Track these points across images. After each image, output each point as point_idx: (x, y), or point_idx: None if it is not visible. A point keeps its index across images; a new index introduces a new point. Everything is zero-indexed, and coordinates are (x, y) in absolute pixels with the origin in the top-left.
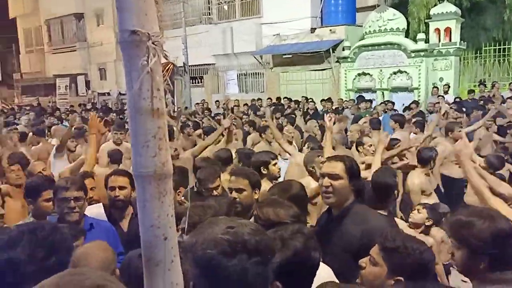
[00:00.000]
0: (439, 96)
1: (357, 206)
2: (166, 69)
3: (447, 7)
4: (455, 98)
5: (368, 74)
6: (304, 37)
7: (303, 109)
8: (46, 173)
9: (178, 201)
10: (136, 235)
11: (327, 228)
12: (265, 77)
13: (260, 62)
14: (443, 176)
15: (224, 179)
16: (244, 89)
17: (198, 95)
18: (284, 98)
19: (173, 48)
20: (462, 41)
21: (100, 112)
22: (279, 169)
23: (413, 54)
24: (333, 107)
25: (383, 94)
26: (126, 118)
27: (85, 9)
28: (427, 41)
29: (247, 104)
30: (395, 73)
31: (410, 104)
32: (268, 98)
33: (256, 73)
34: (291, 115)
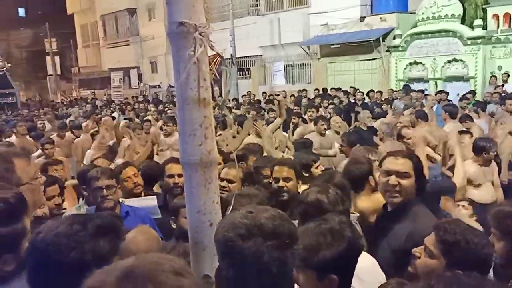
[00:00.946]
0: (497, 86)
1: (414, 205)
2: (213, 61)
3: None
4: None
5: (421, 63)
6: (353, 26)
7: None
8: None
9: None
10: None
11: (381, 224)
12: (313, 68)
13: (307, 53)
14: None
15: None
16: (291, 80)
17: (245, 87)
18: (331, 88)
19: (220, 41)
20: None
21: (152, 104)
22: (322, 171)
23: (469, 42)
24: (383, 97)
25: (436, 83)
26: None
27: (137, 4)
28: (484, 27)
29: (293, 95)
30: (449, 61)
31: (465, 93)
32: (315, 89)
33: (303, 63)
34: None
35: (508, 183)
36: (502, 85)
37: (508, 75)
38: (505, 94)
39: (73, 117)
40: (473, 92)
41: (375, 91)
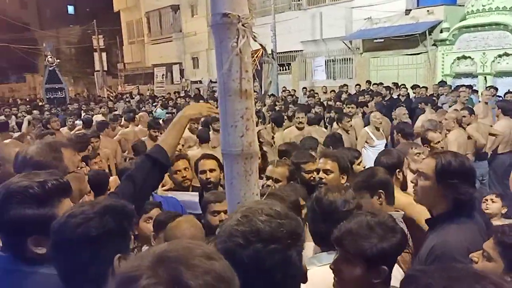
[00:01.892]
0: None
1: (446, 219)
2: (256, 54)
3: None
4: None
5: (469, 57)
6: (398, 19)
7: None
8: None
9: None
10: None
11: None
12: (354, 63)
13: (349, 48)
14: None
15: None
16: (332, 75)
17: (285, 83)
18: (374, 84)
19: (261, 36)
20: None
21: (193, 99)
22: (364, 167)
23: None
24: (427, 93)
25: (485, 79)
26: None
27: (181, 1)
28: None
29: (334, 90)
30: (500, 56)
31: None
32: (357, 84)
33: (344, 58)
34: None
35: None
36: None
37: None
38: None
39: (120, 111)
40: None
41: (420, 87)
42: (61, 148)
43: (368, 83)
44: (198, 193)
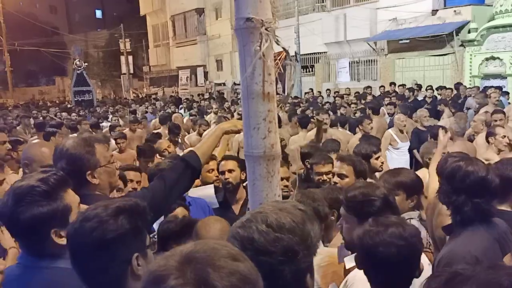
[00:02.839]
0: None
1: (461, 226)
2: (279, 57)
3: None
4: None
5: (498, 58)
6: (424, 20)
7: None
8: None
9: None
10: None
11: None
12: (379, 64)
13: (374, 49)
14: None
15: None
16: (356, 77)
17: (308, 84)
18: (399, 85)
19: (285, 38)
20: None
21: (217, 102)
22: (382, 162)
23: None
24: (453, 94)
25: None
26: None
27: (205, 4)
28: None
29: (358, 92)
30: None
31: None
32: (381, 86)
33: (369, 60)
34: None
35: None
36: None
37: None
38: None
39: (139, 114)
40: None
41: (447, 88)
42: (94, 143)
43: (393, 85)
44: (212, 185)
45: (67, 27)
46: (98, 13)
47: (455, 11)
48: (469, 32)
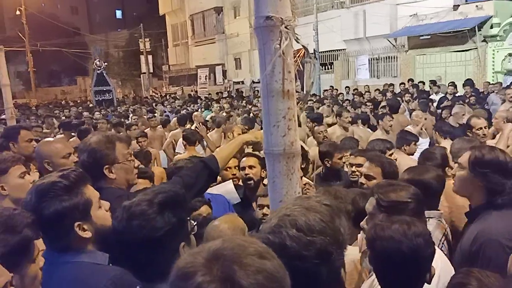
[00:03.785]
0: None
1: (485, 209)
2: (298, 54)
3: None
4: None
5: None
6: (445, 15)
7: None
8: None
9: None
10: None
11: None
12: (399, 61)
13: (394, 45)
14: None
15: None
16: (376, 74)
17: (327, 82)
18: (419, 82)
19: (303, 35)
20: None
21: (235, 100)
22: (395, 159)
23: None
24: (470, 91)
25: None
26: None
27: (224, 3)
28: None
29: (378, 89)
30: None
31: None
32: (401, 83)
33: (389, 57)
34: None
35: None
36: None
37: None
38: None
39: (158, 113)
40: None
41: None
42: (116, 141)
43: (410, 81)
44: (231, 180)
45: (88, 28)
46: (118, 14)
47: (477, 6)
48: (491, 27)
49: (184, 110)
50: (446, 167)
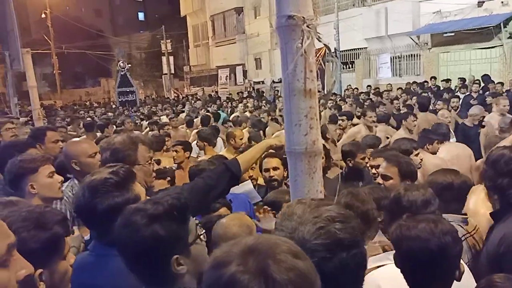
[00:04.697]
0: None
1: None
2: (319, 53)
3: None
4: None
5: None
6: (470, 12)
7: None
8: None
9: None
10: None
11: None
12: (422, 59)
13: (416, 43)
14: None
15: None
16: (398, 72)
17: (348, 81)
18: (443, 80)
19: (324, 34)
20: None
21: (256, 100)
22: (421, 159)
23: None
24: (504, 89)
25: None
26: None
27: (244, 3)
28: None
29: (401, 88)
30: None
31: None
32: (424, 81)
33: (411, 55)
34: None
35: None
36: None
37: None
38: None
39: (186, 111)
40: None
41: (495, 82)
42: (139, 143)
43: (433, 79)
44: (249, 181)
45: (111, 30)
46: (141, 16)
47: (502, 2)
48: None
49: (203, 111)
50: None
